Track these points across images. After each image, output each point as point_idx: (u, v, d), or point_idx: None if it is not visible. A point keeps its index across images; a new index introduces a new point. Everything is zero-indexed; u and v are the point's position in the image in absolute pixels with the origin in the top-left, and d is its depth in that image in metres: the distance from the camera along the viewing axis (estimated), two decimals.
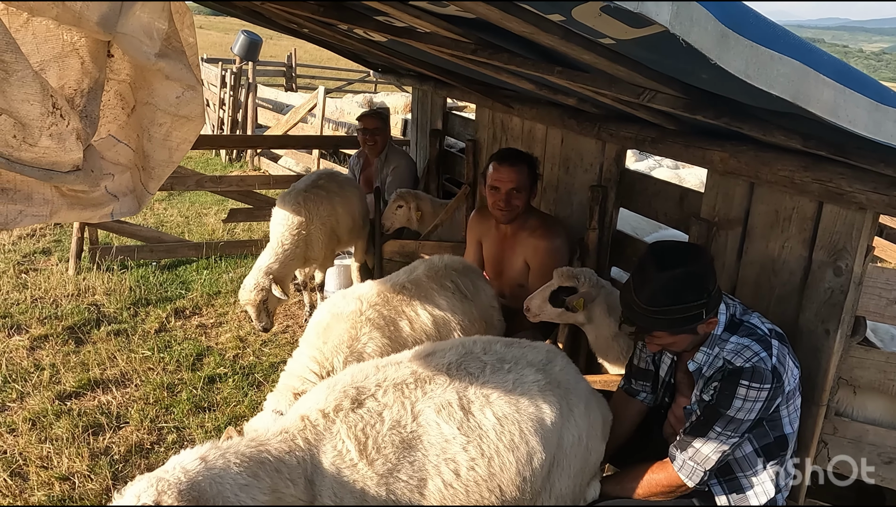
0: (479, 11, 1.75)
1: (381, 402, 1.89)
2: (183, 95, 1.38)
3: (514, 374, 2.03)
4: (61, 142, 1.22)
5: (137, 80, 1.41)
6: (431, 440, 1.88)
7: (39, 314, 4.98)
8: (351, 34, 3.48)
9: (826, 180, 2.12)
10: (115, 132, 1.52)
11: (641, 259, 2.12)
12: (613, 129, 3.17)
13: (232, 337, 4.90)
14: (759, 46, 1.24)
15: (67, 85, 1.32)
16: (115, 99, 1.46)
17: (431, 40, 2.53)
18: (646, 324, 2.09)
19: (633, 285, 2.10)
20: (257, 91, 11.48)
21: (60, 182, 1.29)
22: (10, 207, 1.31)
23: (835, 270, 2.30)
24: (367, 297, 2.82)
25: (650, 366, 2.52)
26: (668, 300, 2.01)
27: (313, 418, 1.84)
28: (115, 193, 1.57)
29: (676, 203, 3.09)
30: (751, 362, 2.01)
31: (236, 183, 6.48)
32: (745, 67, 1.23)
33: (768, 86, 1.27)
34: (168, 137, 1.47)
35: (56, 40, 1.27)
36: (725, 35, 1.18)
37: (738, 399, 2.00)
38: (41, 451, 3.40)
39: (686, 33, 1.12)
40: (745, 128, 1.95)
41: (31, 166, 1.22)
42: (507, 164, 3.33)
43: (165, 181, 1.63)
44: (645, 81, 1.96)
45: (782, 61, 1.27)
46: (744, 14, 1.22)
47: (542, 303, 2.83)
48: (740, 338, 2.08)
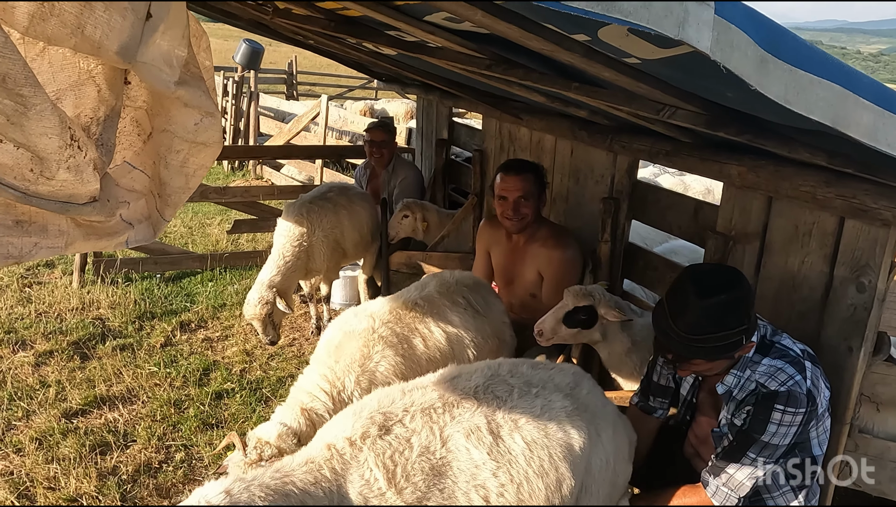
0: (499, 29, 1.72)
1: (409, 428, 1.84)
2: (201, 121, 1.35)
3: (541, 399, 1.98)
4: (79, 174, 1.18)
5: (154, 106, 1.37)
6: (461, 465, 1.82)
7: (44, 329, 4.93)
8: (359, 47, 3.45)
9: (850, 196, 2.08)
10: (131, 159, 1.49)
11: (678, 284, 2.05)
12: (626, 141, 3.13)
13: (238, 351, 4.86)
14: (798, 70, 1.20)
15: (83, 113, 1.28)
16: (132, 126, 1.42)
17: (444, 55, 2.50)
18: (684, 352, 2.02)
19: (670, 312, 2.02)
20: (259, 100, 11.47)
21: (77, 214, 1.25)
22: (24, 240, 1.28)
23: (857, 286, 2.26)
24: (379, 314, 2.77)
25: (671, 383, 2.48)
26: (710, 328, 1.94)
27: (340, 447, 1.79)
28: (131, 221, 1.53)
29: (691, 216, 3.05)
30: (786, 385, 1.96)
31: (241, 194, 6.45)
32: (785, 92, 1.19)
33: (808, 111, 1.23)
34: (185, 163, 1.43)
35: (72, 68, 1.23)
36: (765, 60, 1.15)
37: (772, 424, 1.95)
38: (48, 471, 3.36)
39: (727, 60, 1.09)
40: (769, 145, 1.92)
41: (48, 200, 1.18)
42: (513, 172, 3.35)
43: None
44: (665, 98, 1.93)
45: (822, 85, 1.23)
46: (782, 36, 1.18)
47: (555, 325, 2.77)
48: (773, 360, 2.02)
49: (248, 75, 12.26)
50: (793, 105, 1.21)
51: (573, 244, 3.48)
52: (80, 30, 1.07)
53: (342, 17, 2.57)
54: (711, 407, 2.35)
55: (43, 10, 1.04)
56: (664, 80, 1.79)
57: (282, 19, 2.74)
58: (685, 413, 2.44)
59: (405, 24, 2.16)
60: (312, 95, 20.95)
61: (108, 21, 1.07)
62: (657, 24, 0.98)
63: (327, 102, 8.85)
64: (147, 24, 1.10)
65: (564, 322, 2.77)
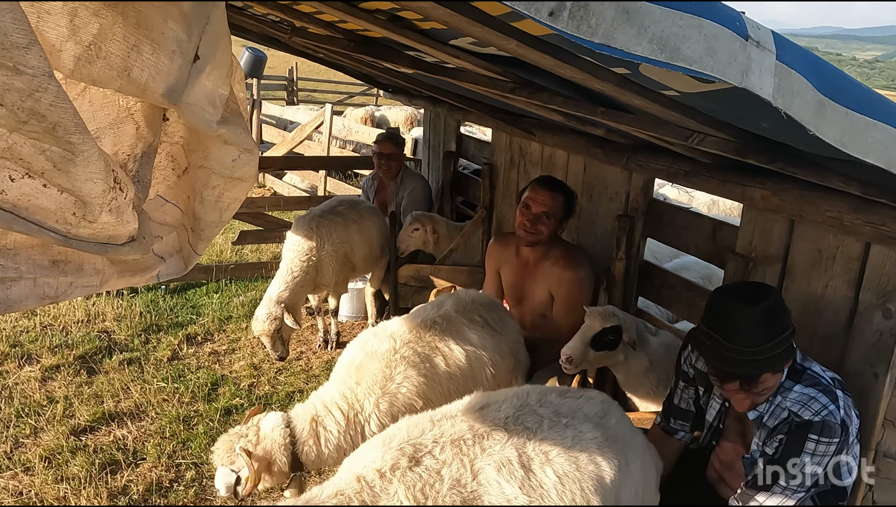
0: (532, 58, 1.70)
1: (439, 459, 1.82)
2: (239, 158, 1.33)
3: (572, 429, 1.96)
4: (119, 215, 1.15)
5: (192, 142, 1.35)
6: (493, 499, 1.79)
7: (50, 343, 4.90)
8: (374, 64, 3.43)
9: (879, 224, 2.06)
10: (164, 192, 1.46)
11: (718, 309, 2.01)
12: (643, 160, 3.11)
13: (246, 365, 4.83)
14: (854, 113, 1.18)
15: (121, 151, 1.26)
16: (167, 160, 1.40)
17: (465, 77, 2.48)
18: (753, 369, 1.95)
19: (722, 335, 1.96)
20: (262, 107, 11.45)
21: (115, 254, 1.22)
22: (60, 280, 1.25)
23: (884, 312, 2.24)
24: (399, 334, 2.76)
25: (691, 407, 2.46)
26: (768, 336, 1.92)
27: (370, 479, 1.77)
28: (162, 255, 1.50)
29: (709, 236, 3.03)
30: (820, 415, 1.94)
31: (246, 205, 6.41)
32: (841, 136, 1.18)
33: (863, 154, 1.22)
34: (220, 198, 1.41)
35: (112, 106, 1.21)
36: (822, 103, 1.13)
37: (806, 454, 1.93)
38: (58, 491, 3.32)
39: (787, 106, 1.07)
40: (800, 173, 1.90)
41: (88, 242, 1.16)
42: (546, 187, 3.33)
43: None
44: (696, 126, 1.91)
45: (877, 128, 1.22)
46: (839, 79, 1.17)
47: (584, 349, 2.74)
48: (805, 388, 2.00)
49: (251, 83, 12.24)
50: (849, 148, 1.20)
51: (585, 264, 3.45)
52: (126, 72, 1.05)
53: (362, 38, 2.55)
54: (737, 433, 2.33)
55: (90, 53, 1.02)
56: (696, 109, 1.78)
57: (299, 38, 2.72)
58: (710, 439, 2.42)
59: (430, 48, 2.15)
60: (313, 102, 20.93)
61: (156, 64, 1.05)
62: (721, 73, 0.96)
63: (331, 112, 8.83)
64: (194, 66, 1.08)
65: (592, 346, 2.74)
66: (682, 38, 0.93)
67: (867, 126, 1.22)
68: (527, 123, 4.06)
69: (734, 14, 0.99)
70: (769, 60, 1.02)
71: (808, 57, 1.11)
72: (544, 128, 3.95)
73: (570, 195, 3.37)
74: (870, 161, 1.25)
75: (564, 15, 0.90)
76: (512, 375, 3.10)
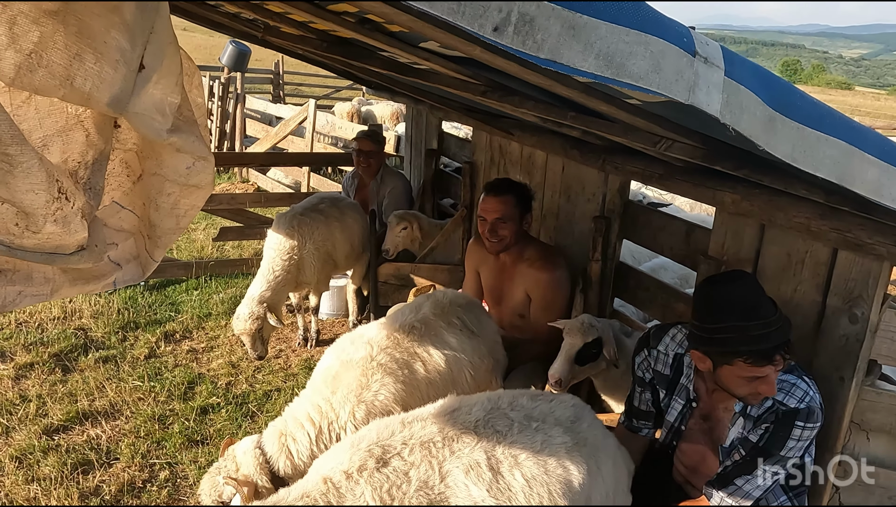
0: (498, 63, 1.69)
1: (407, 461, 1.82)
2: (193, 165, 1.31)
3: (542, 433, 1.96)
4: (66, 225, 1.14)
5: (145, 149, 1.33)
6: (460, 501, 1.80)
7: (24, 340, 4.84)
8: (350, 63, 3.41)
9: (845, 230, 2.08)
10: (119, 198, 1.44)
11: (721, 298, 2.02)
12: (619, 162, 3.11)
13: (224, 363, 4.80)
14: (806, 128, 1.19)
15: (71, 158, 1.24)
16: (121, 167, 1.38)
17: (438, 79, 2.47)
18: (780, 337, 1.94)
19: (743, 319, 1.93)
20: (245, 101, 11.36)
21: (64, 263, 1.20)
22: (8, 289, 1.23)
23: (850, 317, 2.26)
24: (376, 341, 2.73)
25: (651, 408, 2.50)
26: (773, 303, 2.02)
27: (336, 480, 1.77)
28: (119, 261, 1.48)
29: (683, 238, 3.04)
30: (804, 401, 2.01)
31: (227, 201, 6.37)
32: (792, 151, 1.18)
33: (814, 169, 1.22)
34: (176, 205, 1.39)
35: (60, 114, 1.19)
36: (773, 119, 1.13)
37: (792, 440, 2.01)
38: (28, 492, 3.29)
39: (736, 122, 1.07)
40: (766, 180, 1.91)
41: (34, 252, 1.14)
42: (493, 194, 3.34)
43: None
44: (663, 132, 1.91)
45: (829, 143, 1.22)
46: (789, 94, 1.17)
47: (570, 367, 2.75)
48: (783, 374, 2.05)
49: (235, 76, 12.14)
50: (800, 164, 1.20)
51: (561, 265, 3.46)
52: (69, 81, 1.03)
53: (335, 38, 2.53)
54: (703, 433, 2.34)
55: (30, 62, 1.00)
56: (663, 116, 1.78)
57: (273, 38, 2.69)
58: (672, 438, 2.44)
59: (399, 50, 2.13)
60: (299, 96, 20.79)
61: (99, 73, 1.03)
62: (667, 89, 0.96)
63: (315, 107, 8.77)
64: (140, 75, 1.07)
65: (577, 362, 2.75)
66: (629, 55, 0.92)
67: (819, 141, 1.22)
68: (506, 122, 4.06)
69: (682, 30, 0.98)
70: (717, 76, 1.02)
71: (758, 71, 1.10)
72: (523, 128, 3.95)
73: (519, 192, 3.36)
74: (821, 176, 1.25)
75: (509, 30, 0.90)
76: (491, 375, 3.10)
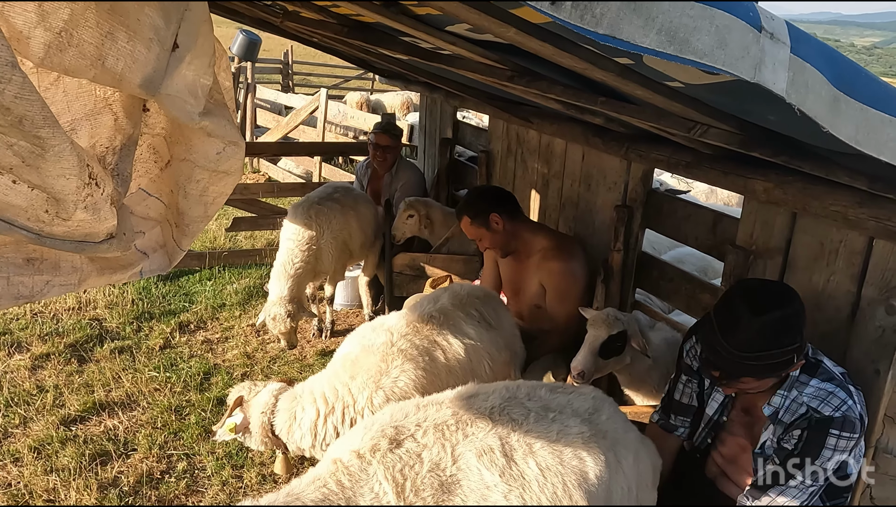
0: (531, 46, 1.63)
1: (420, 443, 1.81)
2: (224, 150, 1.26)
3: (558, 424, 1.93)
4: (96, 212, 1.10)
5: (174, 134, 1.29)
6: (471, 485, 1.78)
7: (40, 331, 4.84)
8: (368, 49, 3.35)
9: (885, 218, 2.01)
10: (146, 186, 1.40)
11: (729, 300, 1.96)
12: (643, 150, 3.05)
13: (239, 353, 4.78)
14: (870, 109, 1.13)
15: (99, 143, 1.20)
16: (148, 152, 1.34)
17: (462, 65, 2.41)
18: (734, 370, 1.93)
19: (720, 328, 1.92)
20: (256, 91, 11.31)
21: (93, 252, 1.17)
22: (36, 279, 1.19)
23: (887, 308, 2.19)
24: (396, 328, 2.72)
25: (693, 401, 2.41)
26: (763, 346, 1.86)
27: (346, 460, 1.76)
28: (145, 250, 1.45)
29: (709, 228, 2.98)
30: (840, 410, 1.91)
31: (240, 192, 6.33)
32: (856, 133, 1.12)
33: (878, 151, 1.16)
34: (205, 192, 1.35)
35: (88, 97, 1.15)
36: (837, 99, 1.07)
37: (827, 449, 1.90)
38: (47, 483, 3.28)
39: (801, 101, 1.01)
40: (806, 167, 1.85)
41: (63, 240, 1.10)
42: (458, 218, 3.48)
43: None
44: (699, 117, 1.85)
45: (892, 124, 1.16)
46: (856, 73, 1.11)
47: (594, 360, 2.69)
48: (821, 383, 1.96)
49: (245, 66, 12.09)
50: (863, 146, 1.14)
51: (576, 254, 3.42)
52: (100, 61, 0.99)
53: (356, 23, 2.47)
54: (743, 426, 2.29)
55: (61, 41, 0.96)
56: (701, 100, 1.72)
57: (292, 23, 2.64)
58: (707, 435, 2.38)
59: (423, 34, 2.08)
60: (308, 85, 20.73)
61: (132, 53, 0.98)
62: (732, 66, 0.91)
63: (326, 97, 8.71)
64: (173, 55, 1.02)
65: (601, 355, 2.70)
66: (692, 30, 0.87)
67: (883, 123, 1.16)
68: (524, 110, 3.99)
69: (747, 3, 0.93)
70: (783, 53, 0.96)
71: (823, 50, 1.05)
72: (542, 116, 3.88)
73: (469, 208, 3.41)
74: (884, 159, 1.19)
75: (567, 4, 0.84)
76: (509, 367, 3.07)
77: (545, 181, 4.16)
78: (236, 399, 2.67)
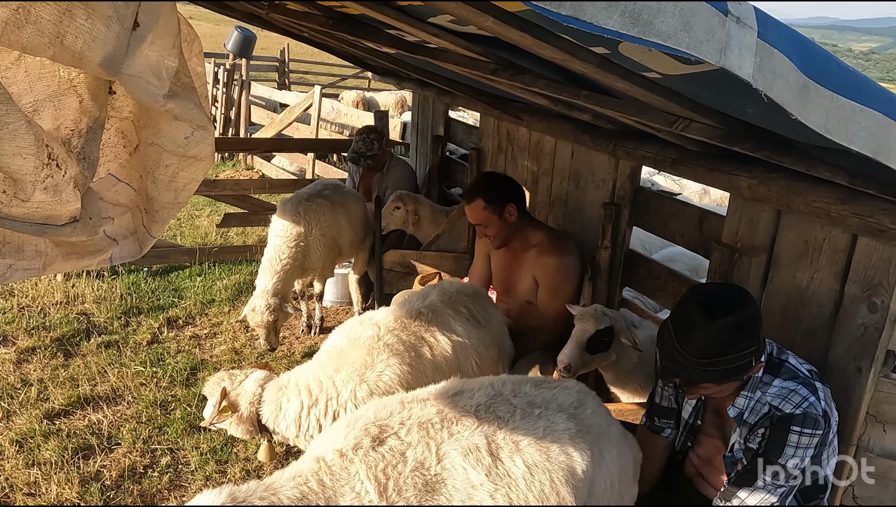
0: (510, 37, 1.62)
1: (404, 441, 1.78)
2: (192, 135, 1.25)
3: (544, 420, 1.91)
4: (57, 194, 1.08)
5: (142, 118, 1.27)
6: (457, 484, 1.76)
7: (27, 325, 4.81)
8: (356, 43, 3.34)
9: (866, 215, 2.01)
10: (116, 171, 1.38)
11: (683, 307, 1.95)
12: (630, 147, 3.04)
13: (227, 349, 4.76)
14: (841, 98, 1.12)
15: (64, 125, 1.18)
16: (117, 137, 1.32)
17: (446, 57, 2.40)
18: (692, 376, 1.92)
19: (676, 336, 1.91)
20: (251, 89, 11.29)
21: (55, 235, 1.15)
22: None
23: (869, 306, 2.19)
24: (384, 323, 2.71)
25: (673, 404, 2.40)
26: (720, 351, 1.85)
27: (329, 459, 1.73)
28: (115, 237, 1.43)
29: (695, 226, 2.97)
30: (801, 407, 1.89)
31: (231, 187, 6.31)
32: (826, 121, 1.11)
33: (848, 141, 1.15)
34: (174, 178, 1.33)
35: (51, 77, 1.13)
36: (806, 86, 1.06)
37: (789, 447, 1.89)
38: (28, 477, 3.25)
39: (769, 88, 1.00)
40: (787, 162, 1.84)
41: (23, 222, 1.08)
42: (465, 200, 3.40)
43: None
44: (681, 111, 1.84)
45: (864, 114, 1.15)
46: (825, 61, 1.10)
47: (580, 354, 2.68)
48: (784, 382, 1.95)
49: (240, 63, 12.06)
50: (833, 135, 1.13)
51: (571, 251, 3.41)
52: (59, 39, 0.97)
53: (341, 15, 2.46)
54: (716, 427, 2.28)
55: (18, 17, 0.94)
56: (681, 94, 1.71)
57: (278, 15, 2.63)
58: (686, 439, 2.37)
59: (407, 26, 2.07)
60: (305, 84, 20.69)
61: (91, 30, 0.97)
62: (697, 50, 0.89)
63: (320, 94, 8.69)
64: (134, 34, 1.00)
65: (588, 350, 2.68)
66: (656, 12, 0.86)
67: (854, 111, 1.15)
68: (515, 107, 3.98)
69: None
70: (750, 38, 0.95)
71: (792, 36, 1.04)
72: (532, 113, 3.88)
73: (485, 192, 3.30)
74: (855, 149, 1.18)
75: None
76: (497, 365, 3.06)
77: (535, 179, 4.15)
78: (222, 390, 2.64)
